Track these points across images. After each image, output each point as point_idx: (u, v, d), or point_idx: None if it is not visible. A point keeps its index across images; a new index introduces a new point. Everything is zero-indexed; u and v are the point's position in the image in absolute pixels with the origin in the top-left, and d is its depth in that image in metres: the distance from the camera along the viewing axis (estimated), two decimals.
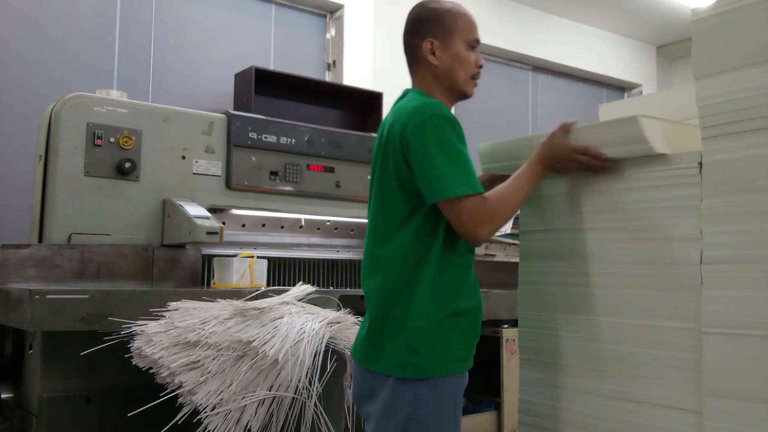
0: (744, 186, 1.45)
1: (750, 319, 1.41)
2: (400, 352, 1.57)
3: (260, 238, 3.11)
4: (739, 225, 1.45)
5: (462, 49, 1.73)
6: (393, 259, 1.62)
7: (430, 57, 1.71)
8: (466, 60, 1.73)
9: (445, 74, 1.72)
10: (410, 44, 1.75)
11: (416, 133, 1.57)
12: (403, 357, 1.56)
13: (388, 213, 1.65)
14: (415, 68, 1.76)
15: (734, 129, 1.48)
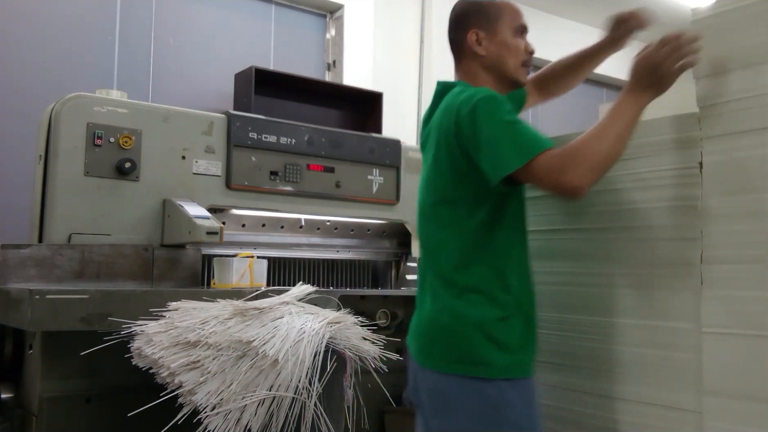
0: (744, 186, 1.46)
1: (750, 319, 1.42)
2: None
3: (260, 238, 3.11)
4: (739, 225, 1.45)
5: (509, 36, 1.69)
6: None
7: (477, 48, 1.67)
8: (514, 47, 1.69)
9: (493, 64, 1.68)
10: (455, 39, 1.72)
11: (468, 121, 1.52)
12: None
13: (448, 201, 1.60)
14: (461, 62, 1.72)
15: (734, 129, 1.48)
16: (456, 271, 1.58)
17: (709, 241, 1.50)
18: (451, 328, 1.55)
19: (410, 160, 3.40)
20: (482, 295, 1.55)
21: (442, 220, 1.62)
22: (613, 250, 1.72)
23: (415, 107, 4.93)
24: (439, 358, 1.57)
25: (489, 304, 1.54)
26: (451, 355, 1.54)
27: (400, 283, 3.46)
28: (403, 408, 2.90)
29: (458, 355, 1.53)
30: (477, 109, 1.51)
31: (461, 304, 1.56)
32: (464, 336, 1.53)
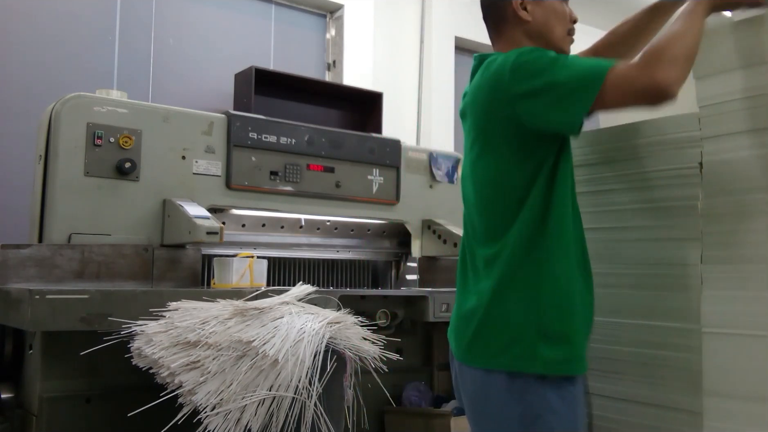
0: (744, 186, 1.45)
1: (750, 319, 1.42)
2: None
3: (260, 238, 3.11)
4: (739, 225, 1.45)
5: (555, 1, 1.57)
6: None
7: (522, 13, 1.54)
8: (561, 12, 1.58)
9: (539, 31, 1.56)
10: (496, 3, 1.58)
11: (514, 80, 1.39)
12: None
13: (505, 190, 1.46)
14: (501, 30, 1.58)
15: (734, 129, 1.48)
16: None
17: (709, 241, 1.50)
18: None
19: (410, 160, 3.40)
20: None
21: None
22: (613, 250, 1.72)
23: (415, 107, 4.93)
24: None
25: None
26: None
27: (400, 283, 3.46)
28: (403, 408, 2.90)
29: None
30: (518, 61, 1.40)
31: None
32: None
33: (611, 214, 1.73)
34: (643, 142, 1.67)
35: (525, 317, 1.42)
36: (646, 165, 1.66)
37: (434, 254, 3.38)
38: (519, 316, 1.43)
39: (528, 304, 1.43)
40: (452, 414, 2.77)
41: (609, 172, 1.74)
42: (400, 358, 2.08)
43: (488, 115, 1.46)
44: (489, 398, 1.44)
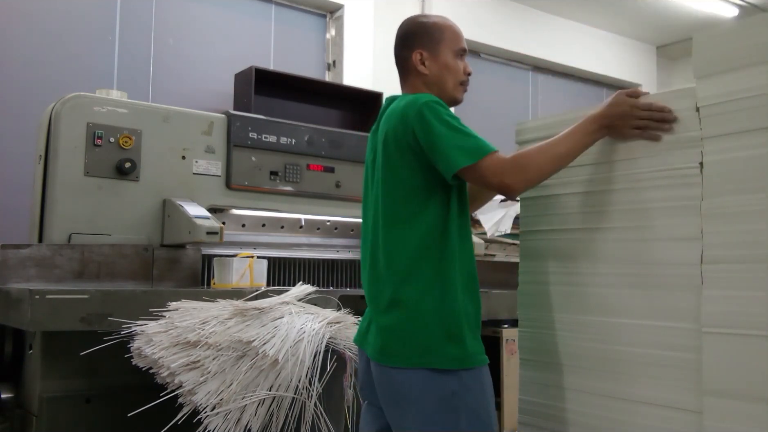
0: (744, 186, 1.45)
1: (750, 319, 1.41)
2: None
3: (260, 238, 3.11)
4: (739, 225, 1.45)
5: (450, 58, 1.83)
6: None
7: (420, 67, 1.80)
8: (454, 68, 1.83)
9: (435, 82, 1.81)
10: (401, 56, 1.86)
11: (418, 121, 1.64)
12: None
13: (399, 207, 1.69)
14: (406, 78, 1.86)
15: (734, 129, 1.48)
16: (409, 271, 1.68)
17: (709, 241, 1.50)
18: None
19: None
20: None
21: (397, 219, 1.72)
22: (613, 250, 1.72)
23: None
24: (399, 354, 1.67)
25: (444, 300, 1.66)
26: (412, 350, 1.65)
27: None
28: None
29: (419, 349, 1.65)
30: (423, 109, 1.64)
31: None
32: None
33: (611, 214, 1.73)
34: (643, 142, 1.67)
35: (433, 325, 1.63)
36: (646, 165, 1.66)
37: None
38: (429, 325, 1.63)
39: (432, 315, 1.63)
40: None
41: (609, 172, 1.73)
42: None
43: (396, 144, 1.68)
44: (411, 390, 1.61)
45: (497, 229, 4.03)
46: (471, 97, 1.87)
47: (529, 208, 1.95)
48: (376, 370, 1.67)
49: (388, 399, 1.65)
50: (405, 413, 1.62)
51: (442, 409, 1.59)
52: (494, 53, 5.44)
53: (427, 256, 1.65)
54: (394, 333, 1.64)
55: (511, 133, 2.04)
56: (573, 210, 1.83)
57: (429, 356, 1.61)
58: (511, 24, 5.38)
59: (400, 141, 1.67)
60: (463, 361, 1.64)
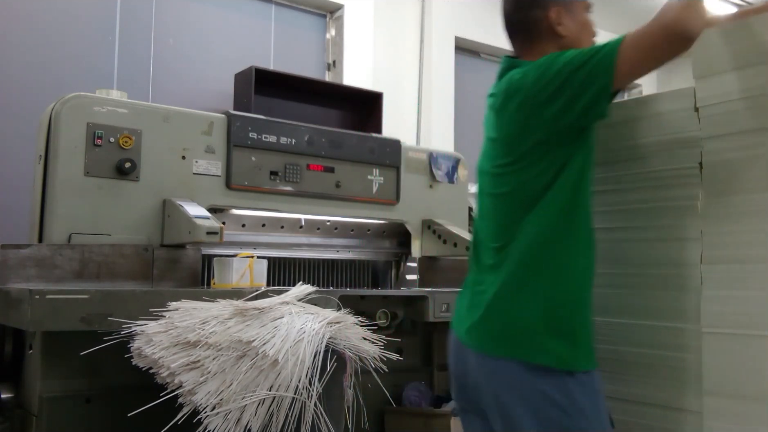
0: (744, 186, 1.46)
1: (750, 319, 1.42)
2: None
3: (260, 238, 3.11)
4: (739, 225, 1.45)
5: (584, 14, 1.61)
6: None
7: (559, 28, 1.56)
8: (590, 26, 1.61)
9: (572, 45, 1.56)
10: (529, 18, 1.59)
11: (537, 72, 1.46)
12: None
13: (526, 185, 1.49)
14: (534, 43, 1.58)
15: (734, 129, 1.48)
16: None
17: (709, 241, 1.51)
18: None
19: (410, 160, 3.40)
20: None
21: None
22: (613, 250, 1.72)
23: (415, 107, 4.93)
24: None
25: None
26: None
27: (400, 283, 3.46)
28: (403, 408, 2.90)
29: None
30: (544, 59, 1.46)
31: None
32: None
33: (611, 214, 1.73)
34: (643, 142, 1.67)
35: (538, 311, 1.46)
36: (646, 165, 1.66)
37: (434, 254, 3.38)
38: (532, 310, 1.46)
39: (542, 299, 1.46)
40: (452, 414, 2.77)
41: (609, 172, 1.74)
42: (400, 358, 2.07)
43: (516, 119, 1.49)
44: (512, 385, 1.45)
45: None
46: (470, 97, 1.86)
47: None
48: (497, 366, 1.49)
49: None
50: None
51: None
52: (494, 53, 5.43)
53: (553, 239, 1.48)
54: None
55: None
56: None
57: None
58: None
59: (519, 119, 1.49)
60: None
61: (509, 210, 1.51)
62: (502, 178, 1.53)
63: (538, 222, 1.46)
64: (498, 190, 1.55)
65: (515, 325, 1.47)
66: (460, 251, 3.23)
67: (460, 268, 3.50)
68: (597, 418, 1.45)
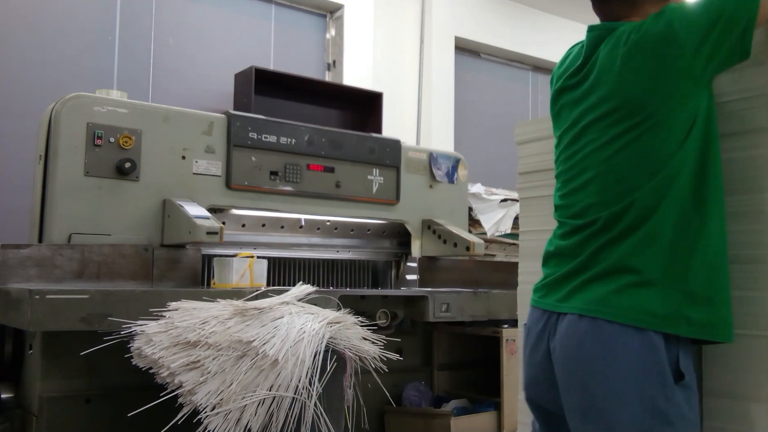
0: (744, 186, 1.45)
1: (750, 319, 1.41)
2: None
3: (260, 238, 3.11)
4: (739, 225, 1.45)
5: None
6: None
7: None
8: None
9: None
10: None
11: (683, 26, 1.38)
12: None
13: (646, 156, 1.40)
14: (636, 5, 1.52)
15: (734, 129, 1.48)
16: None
17: None
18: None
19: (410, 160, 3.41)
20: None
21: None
22: None
23: (415, 107, 4.93)
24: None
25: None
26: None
27: (400, 283, 3.46)
28: (403, 408, 2.90)
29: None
30: (674, 7, 1.41)
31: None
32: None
33: None
34: None
35: (672, 277, 1.37)
36: None
37: (434, 254, 3.38)
38: (663, 275, 1.37)
39: (678, 264, 1.38)
40: (452, 414, 2.77)
41: None
42: (400, 358, 2.08)
43: (648, 72, 1.42)
44: (618, 355, 1.34)
45: (497, 229, 4.04)
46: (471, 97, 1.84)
47: (529, 208, 1.95)
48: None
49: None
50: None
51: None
52: (494, 53, 5.44)
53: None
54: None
55: (510, 133, 2.04)
56: None
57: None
58: (511, 24, 5.38)
59: (656, 77, 1.40)
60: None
61: (629, 177, 1.43)
62: (618, 145, 1.45)
63: (669, 191, 1.39)
64: (614, 160, 1.45)
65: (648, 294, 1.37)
66: (460, 251, 3.23)
67: (460, 268, 3.50)
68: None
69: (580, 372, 1.38)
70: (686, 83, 1.40)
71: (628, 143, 1.43)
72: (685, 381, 1.33)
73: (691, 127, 1.40)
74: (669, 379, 1.31)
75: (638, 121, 1.42)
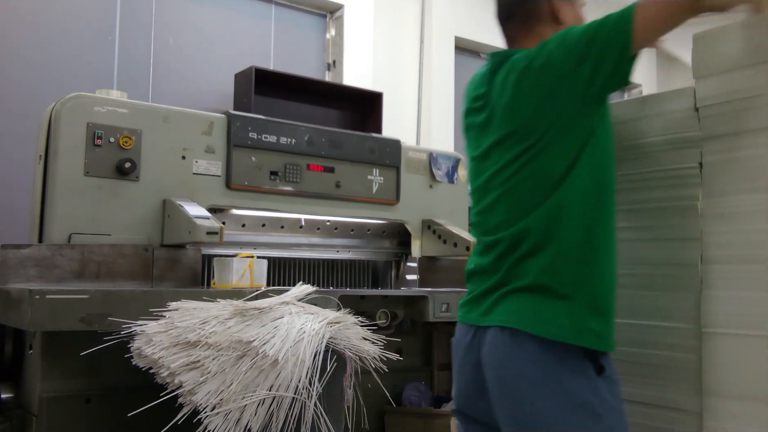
0: (744, 186, 1.46)
1: (750, 319, 1.42)
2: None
3: (260, 238, 3.11)
4: (739, 225, 1.45)
5: (580, 9, 1.66)
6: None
7: (560, 14, 1.61)
8: (583, 20, 1.64)
9: None
10: (531, 2, 1.64)
11: (556, 45, 1.46)
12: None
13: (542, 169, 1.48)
14: (532, 27, 1.63)
15: (734, 129, 1.48)
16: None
17: (709, 241, 1.51)
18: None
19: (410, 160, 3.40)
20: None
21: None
22: None
23: (415, 107, 4.93)
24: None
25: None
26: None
27: (400, 283, 3.46)
28: (403, 408, 2.90)
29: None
30: (560, 34, 1.47)
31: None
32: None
33: None
34: (643, 142, 1.67)
35: (581, 291, 1.44)
36: (646, 165, 1.66)
37: (434, 254, 3.38)
38: (573, 290, 1.44)
39: (583, 280, 1.45)
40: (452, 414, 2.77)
41: None
42: (400, 358, 2.07)
43: (535, 98, 1.49)
44: (540, 360, 1.42)
45: None
46: None
47: None
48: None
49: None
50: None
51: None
52: None
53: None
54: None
55: None
56: None
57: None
58: None
59: (545, 104, 1.47)
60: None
61: (527, 197, 1.50)
62: (515, 167, 1.52)
63: (567, 209, 1.46)
64: (512, 180, 1.53)
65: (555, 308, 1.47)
66: (460, 251, 3.23)
67: (460, 268, 3.50)
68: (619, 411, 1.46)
69: (509, 379, 1.46)
70: (571, 106, 1.47)
71: (522, 165, 1.51)
72: (606, 373, 1.41)
73: (582, 147, 1.46)
74: (591, 373, 1.40)
75: (530, 144, 1.50)
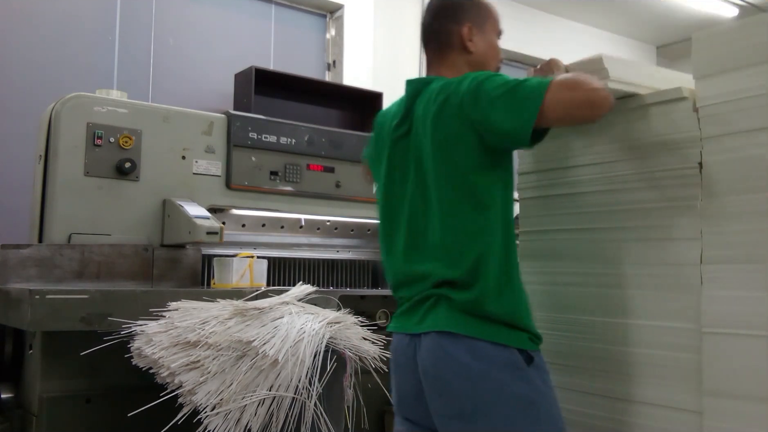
0: (744, 186, 1.46)
1: (750, 319, 1.42)
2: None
3: (260, 238, 3.11)
4: (739, 225, 1.46)
5: (494, 37, 1.73)
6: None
7: (469, 43, 1.68)
8: (497, 49, 1.74)
9: (479, 62, 1.69)
10: (444, 29, 1.71)
11: (472, 91, 1.52)
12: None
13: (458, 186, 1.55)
14: (446, 55, 1.71)
15: (734, 129, 1.48)
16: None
17: (709, 241, 1.51)
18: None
19: None
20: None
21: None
22: (613, 250, 1.72)
23: None
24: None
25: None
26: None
27: None
28: None
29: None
30: (478, 78, 1.52)
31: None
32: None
33: (611, 214, 1.73)
34: (643, 142, 1.67)
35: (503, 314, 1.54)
36: (646, 165, 1.66)
37: None
38: (498, 315, 1.53)
39: (508, 301, 1.55)
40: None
41: (609, 172, 1.74)
42: None
43: (455, 133, 1.55)
44: (475, 357, 1.49)
45: None
46: None
47: (529, 208, 1.95)
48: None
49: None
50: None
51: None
52: None
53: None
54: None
55: None
56: (573, 210, 1.83)
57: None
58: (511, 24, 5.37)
59: (453, 115, 1.54)
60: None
61: (458, 212, 1.57)
62: (444, 182, 1.59)
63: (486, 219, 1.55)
64: (444, 195, 1.59)
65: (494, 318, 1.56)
66: None
67: None
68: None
69: (445, 379, 1.52)
70: (476, 146, 1.53)
71: (448, 183, 1.57)
72: (535, 362, 1.51)
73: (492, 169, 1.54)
74: (522, 364, 1.49)
75: (452, 167, 1.55)
